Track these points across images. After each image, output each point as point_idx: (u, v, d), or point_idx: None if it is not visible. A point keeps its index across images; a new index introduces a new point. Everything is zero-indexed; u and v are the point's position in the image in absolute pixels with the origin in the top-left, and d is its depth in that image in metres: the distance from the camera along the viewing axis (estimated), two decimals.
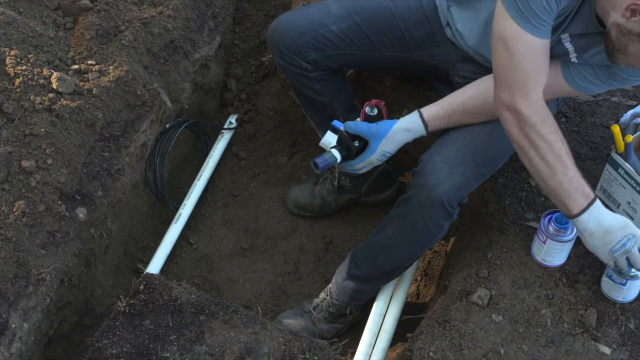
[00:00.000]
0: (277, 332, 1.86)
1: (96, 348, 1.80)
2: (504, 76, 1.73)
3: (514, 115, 1.71)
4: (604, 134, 2.23)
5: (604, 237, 1.74)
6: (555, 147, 1.70)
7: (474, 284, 1.96)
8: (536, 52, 1.68)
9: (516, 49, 1.67)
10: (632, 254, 1.75)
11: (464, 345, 1.84)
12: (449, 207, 1.91)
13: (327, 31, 2.15)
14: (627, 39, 1.57)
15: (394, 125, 1.98)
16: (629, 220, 1.76)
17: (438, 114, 1.97)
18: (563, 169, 1.71)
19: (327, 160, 1.96)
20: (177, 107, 2.50)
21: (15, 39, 2.15)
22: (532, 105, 1.69)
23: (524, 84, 1.69)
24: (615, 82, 1.87)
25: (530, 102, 1.69)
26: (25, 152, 1.98)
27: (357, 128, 1.97)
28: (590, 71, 1.85)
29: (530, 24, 1.64)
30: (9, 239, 1.85)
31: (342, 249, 2.56)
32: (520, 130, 1.71)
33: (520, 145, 1.74)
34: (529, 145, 1.71)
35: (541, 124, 1.70)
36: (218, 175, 2.72)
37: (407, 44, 2.16)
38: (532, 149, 1.71)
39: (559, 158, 1.70)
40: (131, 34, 2.31)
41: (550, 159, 1.70)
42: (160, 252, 2.39)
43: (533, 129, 1.70)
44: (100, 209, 2.11)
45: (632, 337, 1.83)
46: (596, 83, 1.87)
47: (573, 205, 1.73)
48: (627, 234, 1.73)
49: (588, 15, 1.69)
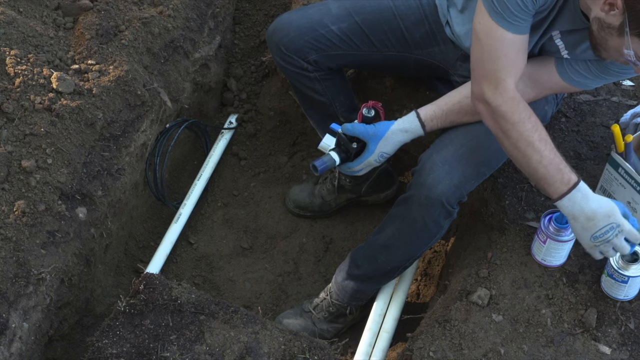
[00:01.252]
0: (277, 332, 1.86)
1: (96, 348, 1.80)
2: (477, 69, 1.78)
3: (485, 106, 1.77)
4: (604, 133, 2.23)
5: (586, 223, 1.72)
6: (526, 135, 1.72)
7: (474, 283, 1.96)
8: (508, 46, 1.72)
9: (488, 42, 1.72)
10: (614, 244, 1.72)
11: (464, 345, 1.84)
12: (448, 206, 1.91)
13: (328, 31, 2.15)
14: (606, 33, 1.59)
15: (391, 126, 1.99)
16: (617, 207, 1.72)
17: (435, 113, 1.98)
18: (537, 157, 1.72)
19: (325, 162, 1.97)
20: (177, 107, 2.50)
21: (15, 39, 2.15)
22: (501, 95, 1.73)
23: (494, 76, 1.74)
24: (609, 75, 1.87)
25: (499, 93, 1.73)
26: (25, 152, 1.98)
27: (354, 130, 1.98)
28: (583, 66, 1.86)
29: (503, 20, 1.68)
30: (9, 239, 1.85)
31: (342, 248, 2.56)
32: (494, 121, 1.77)
33: (496, 135, 1.79)
34: (502, 134, 1.76)
35: (511, 113, 1.73)
36: (218, 175, 2.72)
37: (407, 43, 2.16)
38: (505, 138, 1.76)
39: (532, 145, 1.72)
40: (131, 34, 2.31)
41: (522, 146, 1.73)
42: (160, 252, 2.39)
43: (504, 118, 1.74)
44: (100, 209, 2.11)
45: (632, 337, 1.83)
46: (590, 77, 1.88)
47: (552, 191, 1.74)
48: (610, 222, 1.70)
49: (573, 11, 1.71)
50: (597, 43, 1.64)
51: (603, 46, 1.63)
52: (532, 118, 1.74)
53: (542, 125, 1.76)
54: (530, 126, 1.73)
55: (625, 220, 1.71)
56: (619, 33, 1.55)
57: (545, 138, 1.74)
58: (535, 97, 1.94)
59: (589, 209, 1.71)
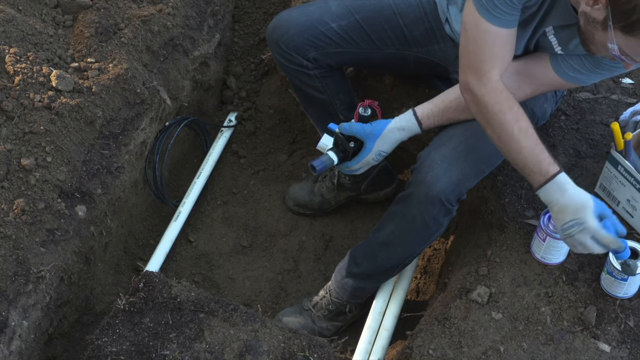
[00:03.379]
0: (276, 330, 1.86)
1: (96, 346, 1.80)
2: (463, 59, 1.81)
3: (470, 95, 1.80)
4: (604, 131, 2.23)
5: (557, 214, 1.74)
6: (507, 125, 1.75)
7: (474, 281, 1.96)
8: (494, 39, 1.74)
9: (474, 34, 1.76)
10: (578, 240, 1.69)
11: (464, 342, 1.84)
12: (447, 203, 1.92)
13: (328, 29, 2.15)
14: (592, 27, 1.60)
15: (388, 124, 1.99)
16: (592, 205, 1.68)
17: (431, 111, 1.98)
18: (517, 146, 1.75)
19: (324, 162, 1.98)
20: (176, 105, 2.50)
21: (14, 37, 2.15)
22: (484, 85, 1.76)
23: (479, 67, 1.77)
24: (603, 70, 1.87)
25: (483, 83, 1.76)
26: (25, 150, 1.98)
27: (351, 129, 1.98)
28: (577, 61, 1.86)
29: (488, 13, 1.71)
30: (9, 237, 1.85)
31: (342, 246, 2.56)
32: (478, 110, 1.80)
33: (481, 124, 1.82)
34: (485, 123, 1.80)
35: (493, 103, 1.76)
36: (218, 173, 2.72)
37: (407, 41, 2.17)
38: (488, 127, 1.80)
39: (511, 136, 1.75)
40: (131, 32, 2.30)
41: (503, 136, 1.77)
42: (160, 250, 2.39)
43: (486, 108, 1.77)
44: (99, 207, 2.11)
45: (632, 334, 1.84)
46: (584, 73, 1.87)
47: (530, 180, 1.77)
48: (576, 218, 1.68)
49: (564, 7, 1.72)
50: (585, 38, 1.65)
51: (590, 40, 1.64)
52: (515, 109, 1.76)
53: (525, 117, 1.77)
54: (511, 117, 1.75)
55: (595, 220, 1.67)
56: (603, 27, 1.55)
57: (527, 128, 1.75)
58: (533, 93, 1.94)
59: (562, 202, 1.72)
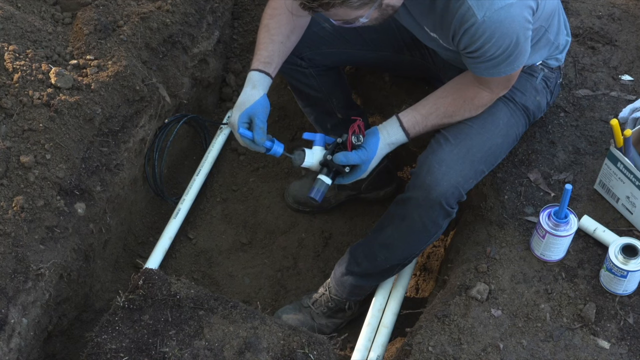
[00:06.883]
0: (276, 327, 1.86)
1: (95, 343, 1.81)
2: None
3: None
4: (603, 128, 2.23)
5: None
6: (262, 20, 1.99)
7: (473, 278, 1.96)
8: None
9: None
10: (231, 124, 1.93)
11: (463, 339, 1.84)
12: (447, 206, 1.92)
13: (320, 29, 2.15)
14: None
15: (379, 143, 1.95)
16: (245, 107, 1.89)
17: (416, 119, 1.96)
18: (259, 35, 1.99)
19: (321, 191, 1.94)
20: (175, 102, 2.50)
21: (13, 34, 2.15)
22: (268, 6, 2.00)
23: None
24: (464, 58, 1.86)
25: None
26: (24, 147, 1.98)
27: (348, 161, 1.92)
28: (467, 61, 1.84)
29: None
30: (8, 234, 1.85)
31: (342, 243, 2.56)
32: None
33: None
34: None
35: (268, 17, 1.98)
36: (217, 170, 2.72)
37: (400, 45, 2.18)
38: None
39: (260, 27, 1.99)
40: (130, 29, 2.30)
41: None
42: (159, 247, 2.38)
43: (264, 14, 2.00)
44: (99, 204, 2.11)
45: (631, 331, 1.84)
46: (477, 64, 1.82)
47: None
48: (233, 111, 1.91)
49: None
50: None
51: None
52: (276, 14, 1.97)
53: (279, 22, 1.96)
54: (269, 14, 1.98)
55: (238, 118, 1.90)
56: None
57: (271, 27, 1.97)
58: (497, 95, 1.95)
59: (241, 96, 1.93)
